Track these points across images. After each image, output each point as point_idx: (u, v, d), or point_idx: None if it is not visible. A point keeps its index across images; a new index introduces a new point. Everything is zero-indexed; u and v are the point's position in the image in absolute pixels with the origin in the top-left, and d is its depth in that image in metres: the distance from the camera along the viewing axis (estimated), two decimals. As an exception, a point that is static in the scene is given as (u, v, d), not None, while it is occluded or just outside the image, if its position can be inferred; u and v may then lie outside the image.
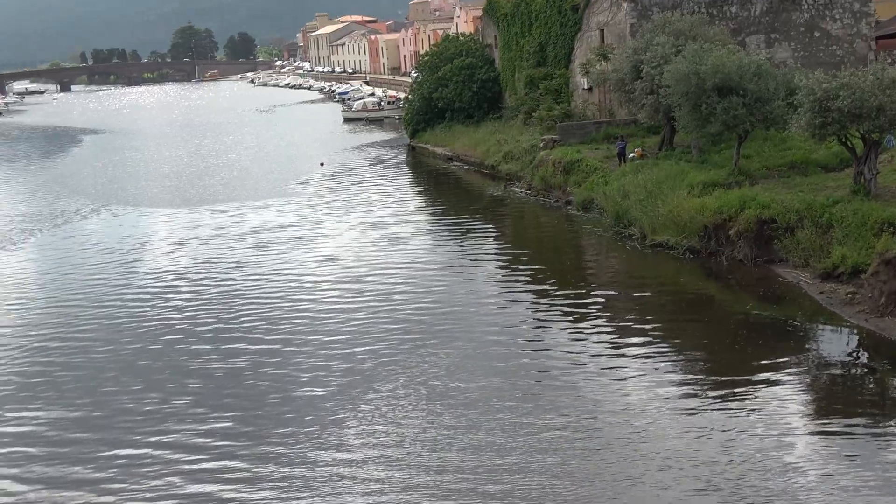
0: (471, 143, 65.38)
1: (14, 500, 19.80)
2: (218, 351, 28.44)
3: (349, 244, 42.17)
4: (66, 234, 49.04)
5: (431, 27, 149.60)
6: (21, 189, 70.03)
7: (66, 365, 28.02)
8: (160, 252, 42.99)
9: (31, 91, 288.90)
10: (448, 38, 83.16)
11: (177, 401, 24.73)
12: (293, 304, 32.97)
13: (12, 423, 23.94)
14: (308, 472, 20.15)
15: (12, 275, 40.55)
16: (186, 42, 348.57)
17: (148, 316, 32.55)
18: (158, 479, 20.21)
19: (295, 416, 23.15)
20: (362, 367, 26.23)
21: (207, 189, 62.95)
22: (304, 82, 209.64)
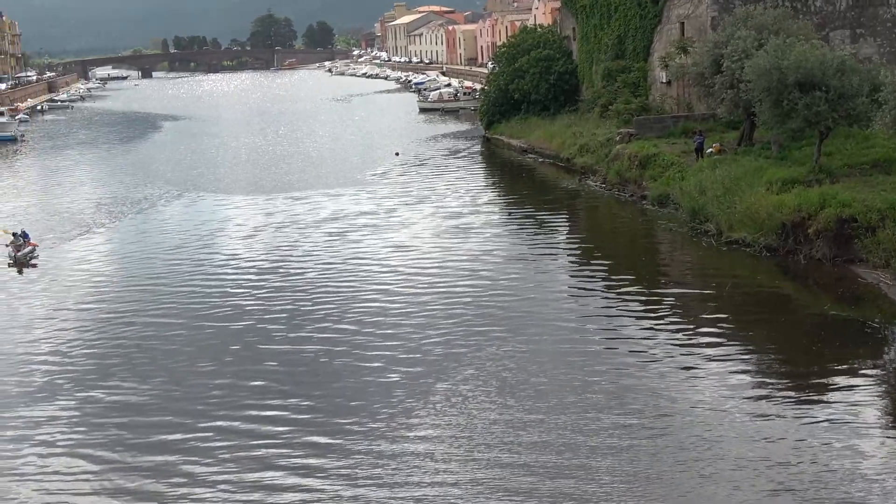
0: (546, 135, 65.08)
1: (96, 472, 20.22)
2: (290, 335, 28.74)
3: (422, 233, 42.27)
4: (146, 219, 49.87)
5: (509, 18, 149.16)
6: (103, 173, 71.29)
7: (145, 345, 28.52)
8: (236, 238, 43.51)
9: (114, 77, 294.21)
10: (526, 29, 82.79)
11: (250, 382, 25.07)
12: (365, 291, 33.16)
13: (95, 397, 24.43)
14: (376, 458, 20.28)
15: (97, 257, 41.29)
16: (266, 30, 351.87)
17: (223, 299, 32.97)
18: (230, 458, 20.52)
19: (365, 403, 23.30)
20: (433, 355, 26.32)
21: (283, 176, 63.53)
22: (380, 72, 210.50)
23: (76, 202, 56.21)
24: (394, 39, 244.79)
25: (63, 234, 45.68)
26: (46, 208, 54.68)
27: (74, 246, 43.18)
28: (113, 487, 19.70)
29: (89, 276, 37.60)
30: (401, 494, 18.75)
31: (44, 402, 24.41)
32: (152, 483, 19.77)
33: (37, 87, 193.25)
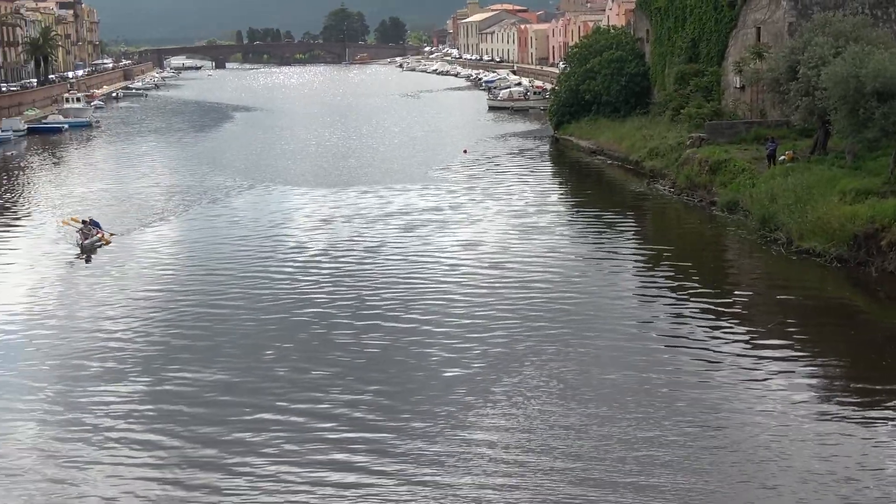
0: (616, 137, 64.70)
1: (160, 452, 20.52)
2: (354, 326, 28.90)
3: (488, 231, 42.25)
4: (215, 208, 50.42)
5: (582, 18, 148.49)
6: (174, 161, 72.35)
7: (211, 332, 28.88)
8: (303, 229, 43.86)
9: (188, 66, 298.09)
10: (599, 30, 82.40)
11: (312, 372, 25.29)
12: (430, 285, 33.23)
13: (161, 381, 24.78)
14: (439, 450, 20.35)
15: (165, 246, 41.92)
16: (338, 24, 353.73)
17: (289, 290, 33.26)
18: (290, 446, 20.70)
19: (426, 397, 23.38)
20: (495, 353, 26.32)
21: (351, 170, 63.88)
22: (451, 69, 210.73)
23: (146, 189, 57.08)
24: (465, 37, 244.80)
25: (132, 222, 46.26)
26: (117, 194, 55.62)
27: (143, 234, 43.77)
28: (176, 466, 19.98)
29: (156, 263, 38.13)
30: (458, 491, 18.76)
31: (113, 384, 24.84)
32: (214, 466, 20.02)
33: (113, 74, 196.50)
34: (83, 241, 39.67)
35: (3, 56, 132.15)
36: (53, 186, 61.02)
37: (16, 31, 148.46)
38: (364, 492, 18.89)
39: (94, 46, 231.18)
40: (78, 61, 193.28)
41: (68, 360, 26.71)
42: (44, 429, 22.25)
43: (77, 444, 21.31)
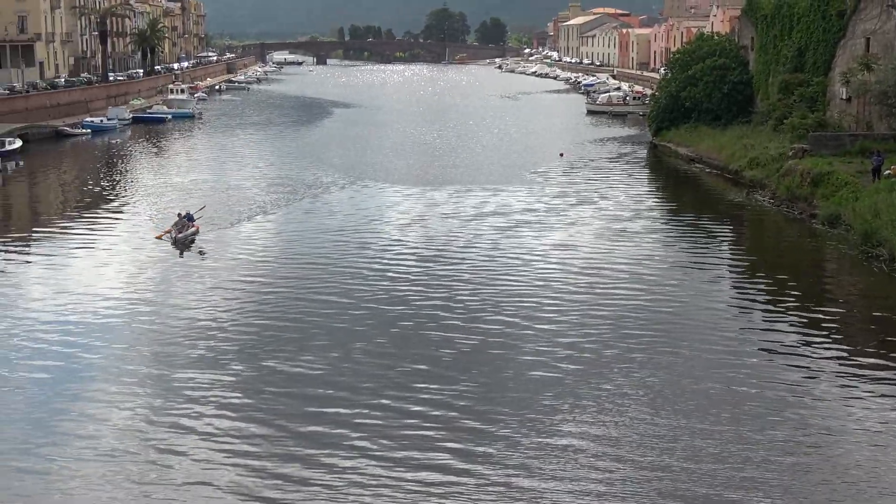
0: (715, 145, 63.74)
1: (251, 445, 20.81)
2: (444, 326, 28.95)
3: (581, 234, 41.98)
4: (311, 203, 50.96)
5: (686, 24, 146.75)
6: (272, 155, 73.37)
7: (303, 324, 29.20)
8: (398, 226, 44.12)
9: (290, 62, 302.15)
10: (702, 36, 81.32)
11: (401, 369, 25.38)
12: (521, 288, 33.13)
13: (253, 368, 25.15)
14: (523, 454, 20.25)
15: (259, 239, 42.54)
16: (440, 24, 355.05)
17: (381, 285, 33.47)
18: (378, 437, 20.80)
19: (515, 398, 23.29)
20: (585, 357, 26.16)
21: (448, 169, 64.03)
22: (550, 71, 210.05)
23: (244, 182, 57.97)
24: (566, 39, 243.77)
25: (228, 215, 46.68)
26: (216, 185, 56.54)
27: (237, 228, 44.16)
28: (262, 455, 20.22)
29: (251, 256, 38.66)
30: (541, 497, 18.67)
31: (204, 372, 25.26)
32: (298, 457, 20.22)
33: (217, 67, 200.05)
34: (177, 234, 40.02)
35: (111, 46, 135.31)
36: (153, 175, 62.34)
37: (125, 22, 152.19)
38: (446, 490, 18.92)
39: (199, 39, 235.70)
40: (182, 53, 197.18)
41: (161, 349, 27.25)
42: (138, 412, 22.74)
43: (169, 429, 21.74)
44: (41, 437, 21.27)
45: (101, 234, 43.03)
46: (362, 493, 18.80)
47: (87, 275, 35.50)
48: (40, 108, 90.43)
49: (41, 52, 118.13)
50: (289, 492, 18.90)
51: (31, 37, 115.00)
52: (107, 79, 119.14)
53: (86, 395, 23.76)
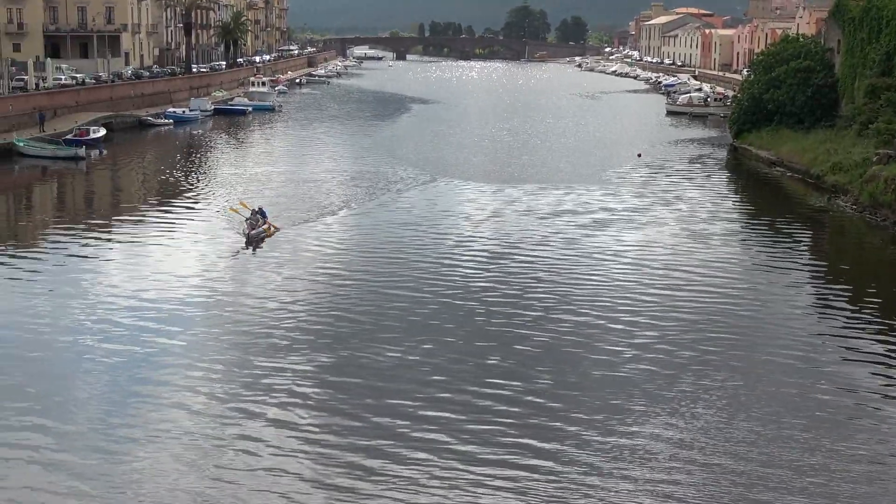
0: (797, 149, 62.62)
1: (321, 435, 20.97)
2: (516, 324, 28.88)
3: (657, 235, 41.56)
4: (385, 198, 51.06)
5: (770, 25, 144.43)
6: (349, 149, 73.76)
7: (374, 316, 29.29)
8: (472, 222, 44.11)
9: (370, 56, 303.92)
10: (787, 38, 79.91)
11: (471, 365, 25.37)
12: (595, 288, 32.94)
13: (327, 358, 25.34)
14: (592, 454, 20.15)
15: (339, 231, 42.84)
16: (520, 21, 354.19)
17: (454, 283, 33.46)
18: (447, 437, 20.79)
19: (587, 398, 23.14)
20: (659, 358, 25.95)
21: (524, 167, 63.85)
22: (630, 71, 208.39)
23: (321, 175, 58.31)
24: (647, 39, 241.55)
25: (303, 208, 46.66)
26: (293, 178, 56.95)
27: (311, 223, 43.88)
28: (332, 445, 20.38)
29: (323, 249, 38.88)
30: (611, 491, 18.53)
31: (280, 359, 25.54)
32: (367, 448, 20.30)
33: (298, 60, 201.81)
34: (249, 231, 39.40)
35: (195, 38, 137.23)
36: (232, 167, 63.07)
37: (209, 14, 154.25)
38: (516, 485, 18.87)
39: (281, 33, 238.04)
40: (260, 47, 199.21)
41: (234, 337, 27.63)
42: (212, 398, 23.09)
43: (242, 415, 22.03)
44: (117, 418, 21.70)
45: (177, 224, 43.62)
46: (432, 486, 18.84)
47: (163, 262, 36.03)
48: (125, 98, 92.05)
49: (127, 43, 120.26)
50: (358, 480, 19.00)
51: (117, 27, 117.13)
52: (190, 70, 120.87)
53: (160, 380, 24.17)
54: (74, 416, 21.97)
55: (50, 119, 74.41)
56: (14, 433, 20.98)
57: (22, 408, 22.28)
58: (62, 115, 78.79)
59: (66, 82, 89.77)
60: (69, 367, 25.23)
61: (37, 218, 49.19)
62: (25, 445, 20.39)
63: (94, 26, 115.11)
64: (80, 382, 24.05)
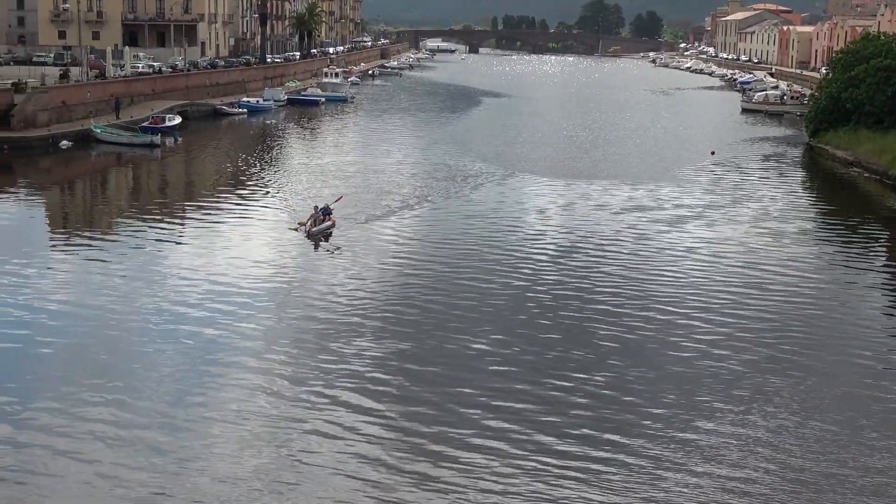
0: (876, 149, 61.34)
1: (381, 427, 20.95)
2: (584, 318, 28.71)
3: (730, 234, 40.96)
4: (457, 193, 50.61)
5: (850, 23, 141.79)
6: (419, 142, 73.76)
7: (440, 312, 29.23)
8: (541, 217, 43.90)
9: (442, 49, 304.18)
10: (868, 36, 78.30)
11: (536, 358, 25.23)
12: (664, 284, 32.61)
13: (387, 348, 25.30)
14: (659, 450, 19.91)
15: (409, 223, 42.77)
16: (594, 16, 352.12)
17: (522, 278, 33.28)
18: (512, 428, 20.62)
19: (654, 394, 22.86)
20: (729, 356, 25.63)
21: (595, 163, 63.43)
22: (705, 67, 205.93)
23: (389, 168, 58.21)
24: (723, 35, 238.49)
25: (368, 205, 45.62)
26: (362, 170, 56.97)
27: (377, 217, 43.12)
28: (392, 434, 20.37)
29: (388, 240, 38.83)
30: (676, 496, 18.29)
31: (344, 348, 25.59)
32: (429, 435, 20.26)
33: (370, 52, 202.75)
34: (311, 228, 38.44)
35: (270, 29, 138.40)
36: (303, 157, 63.52)
37: (284, 5, 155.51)
38: (585, 477, 18.76)
39: (355, 24, 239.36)
40: (334, 38, 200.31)
41: (298, 329, 27.73)
42: (280, 381, 23.19)
43: (309, 399, 22.12)
44: (189, 397, 22.07)
45: (247, 213, 43.89)
46: (501, 474, 18.79)
47: (231, 251, 36.37)
48: (200, 87, 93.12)
49: (203, 33, 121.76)
50: (429, 467, 19.02)
51: (194, 17, 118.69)
52: (264, 60, 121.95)
53: (230, 362, 24.50)
54: (148, 394, 22.46)
55: (126, 106, 75.54)
56: (90, 408, 21.46)
57: (99, 385, 22.79)
58: (138, 102, 79.96)
59: (142, 70, 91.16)
60: (143, 347, 25.66)
61: (112, 203, 49.97)
62: (101, 420, 20.89)
63: (172, 16, 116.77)
64: (153, 362, 24.50)
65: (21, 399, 22.07)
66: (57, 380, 23.49)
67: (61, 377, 23.66)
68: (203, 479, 18.64)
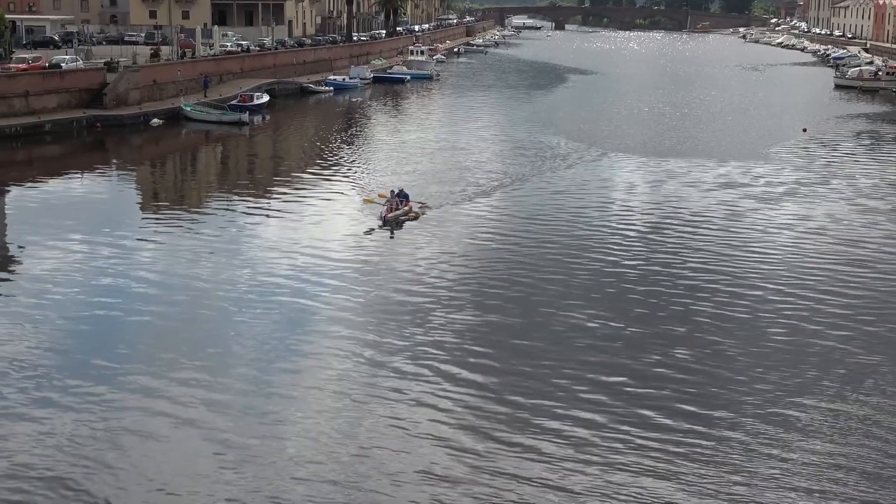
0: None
1: (457, 416, 20.92)
2: (667, 299, 28.26)
3: (821, 215, 40.00)
4: (542, 172, 50.07)
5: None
6: (504, 120, 73.48)
7: (523, 291, 29.07)
8: (629, 196, 43.54)
9: (528, 26, 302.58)
10: (968, 9, 75.85)
11: (637, 330, 24.97)
12: (752, 265, 31.97)
13: (475, 332, 25.23)
14: (746, 439, 19.52)
15: (493, 204, 42.58)
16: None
17: (608, 254, 32.97)
18: (591, 415, 20.47)
19: (738, 382, 22.43)
20: (820, 332, 25.30)
21: (683, 140, 62.51)
22: (797, 43, 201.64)
23: (474, 146, 58.08)
24: (815, 9, 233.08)
25: (454, 180, 45.59)
26: (447, 147, 56.95)
27: (463, 195, 42.58)
28: (482, 406, 20.32)
29: (475, 220, 38.70)
30: (767, 462, 18.02)
31: (424, 325, 25.59)
32: (514, 414, 20.19)
33: (456, 30, 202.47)
34: (387, 214, 36.70)
35: (356, 7, 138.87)
36: (389, 136, 63.62)
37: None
38: (662, 462, 18.49)
39: (440, 2, 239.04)
40: (419, 16, 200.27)
41: (378, 306, 27.77)
42: (359, 359, 23.27)
43: (390, 373, 22.18)
44: (269, 375, 22.20)
45: (332, 190, 44.25)
46: (594, 446, 18.70)
47: (315, 227, 36.77)
48: (287, 66, 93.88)
49: (290, 12, 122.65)
50: (516, 435, 18.88)
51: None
52: (350, 39, 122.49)
53: (311, 340, 24.71)
54: (239, 360, 23.07)
55: (215, 85, 76.48)
56: (184, 373, 21.98)
57: (192, 351, 23.43)
58: (227, 81, 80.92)
59: (231, 49, 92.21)
60: (233, 316, 26.18)
61: (201, 179, 50.82)
62: (194, 384, 21.46)
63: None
64: (243, 331, 25.06)
65: (119, 363, 22.85)
66: (152, 346, 24.19)
67: (157, 343, 24.33)
68: (294, 442, 19.08)
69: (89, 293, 28.22)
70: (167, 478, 17.76)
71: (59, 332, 24.98)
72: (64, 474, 17.75)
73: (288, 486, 17.53)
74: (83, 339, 24.63)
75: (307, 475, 17.91)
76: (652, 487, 17.71)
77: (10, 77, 60.21)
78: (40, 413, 20.15)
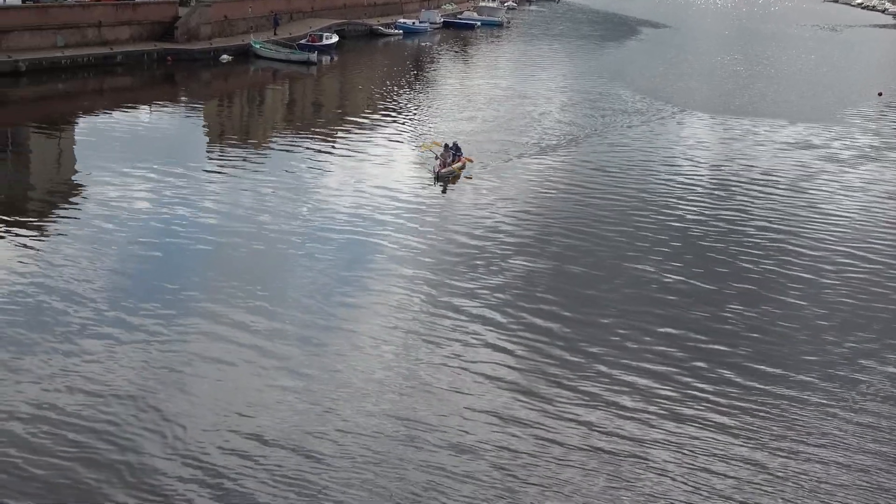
0: None
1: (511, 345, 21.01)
2: (744, 252, 28.10)
3: (889, 181, 39.32)
4: (608, 128, 49.27)
5: None
6: (574, 70, 72.74)
7: (589, 237, 29.04)
8: (696, 156, 42.92)
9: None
10: None
11: (702, 286, 24.76)
12: (816, 228, 31.53)
13: (526, 291, 25.26)
14: (816, 394, 19.40)
15: (561, 158, 42.40)
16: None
17: (669, 215, 32.71)
18: (647, 383, 20.43)
19: (802, 336, 22.32)
20: (889, 294, 24.68)
21: (754, 100, 61.45)
22: (878, 4, 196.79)
23: (540, 95, 57.72)
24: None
25: (515, 135, 44.77)
26: (512, 96, 56.58)
27: (523, 150, 41.79)
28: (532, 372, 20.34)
29: (535, 172, 38.32)
30: (833, 433, 17.92)
31: (482, 278, 25.64)
32: (563, 380, 20.18)
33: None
34: (440, 169, 35.67)
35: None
36: (457, 81, 63.41)
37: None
38: (724, 417, 18.41)
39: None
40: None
41: (433, 259, 27.71)
42: (412, 306, 23.36)
43: (446, 318, 22.21)
44: (321, 318, 22.29)
45: (395, 134, 44.17)
46: (635, 411, 18.63)
47: (375, 172, 36.68)
48: (358, 7, 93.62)
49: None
50: (552, 383, 18.91)
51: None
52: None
53: (364, 285, 24.63)
54: (290, 299, 23.20)
55: (285, 23, 76.51)
56: (239, 313, 22.04)
57: (249, 289, 23.54)
58: (297, 20, 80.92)
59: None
60: (288, 256, 26.38)
61: (267, 117, 51.02)
62: (249, 323, 21.53)
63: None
64: (298, 270, 25.29)
65: (186, 289, 23.35)
66: (218, 274, 24.65)
67: (221, 272, 24.79)
68: (351, 374, 19.32)
69: (156, 221, 28.69)
70: (231, 399, 18.16)
71: (128, 257, 25.49)
72: (135, 392, 18.19)
73: (347, 415, 17.78)
74: (151, 264, 25.12)
75: (363, 407, 18.13)
76: (710, 439, 17.77)
77: (83, 7, 60.67)
78: (113, 331, 20.67)
